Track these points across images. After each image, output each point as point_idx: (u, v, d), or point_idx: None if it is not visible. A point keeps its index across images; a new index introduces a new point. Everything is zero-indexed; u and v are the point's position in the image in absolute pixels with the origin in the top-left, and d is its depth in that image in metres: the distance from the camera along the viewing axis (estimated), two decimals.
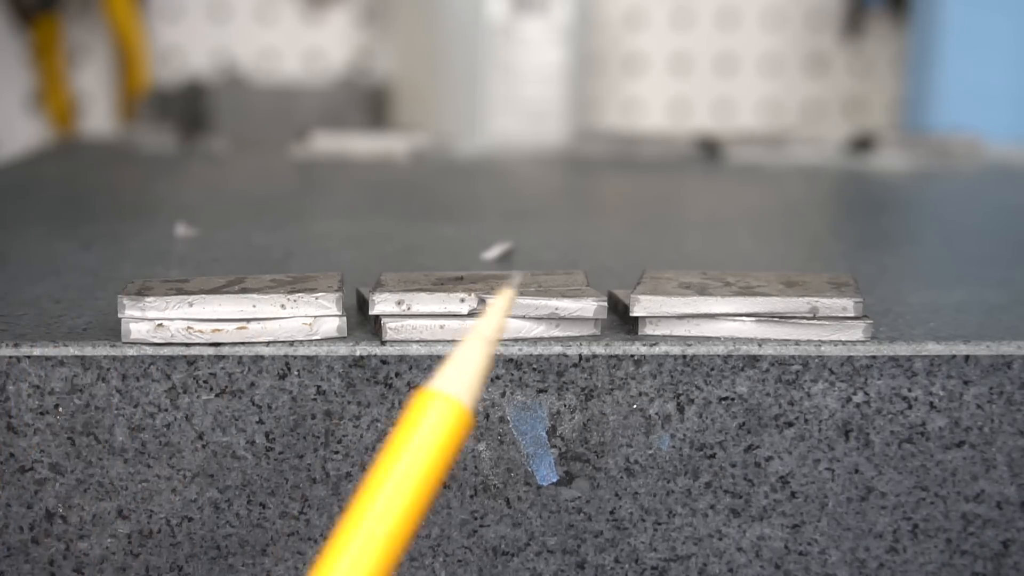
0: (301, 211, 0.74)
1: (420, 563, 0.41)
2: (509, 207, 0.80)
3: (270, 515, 0.40)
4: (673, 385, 0.40)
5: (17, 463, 0.39)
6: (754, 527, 0.41)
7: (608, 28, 1.36)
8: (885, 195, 0.88)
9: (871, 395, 0.40)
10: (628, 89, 1.39)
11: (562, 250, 0.61)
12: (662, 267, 0.45)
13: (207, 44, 1.35)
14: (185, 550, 0.40)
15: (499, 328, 0.32)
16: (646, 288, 0.41)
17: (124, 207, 0.78)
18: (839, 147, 1.04)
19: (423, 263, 0.55)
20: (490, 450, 0.40)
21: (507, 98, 1.13)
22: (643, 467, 0.40)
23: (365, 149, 1.02)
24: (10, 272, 0.52)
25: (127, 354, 0.39)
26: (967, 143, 1.04)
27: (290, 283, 0.41)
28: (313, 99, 1.27)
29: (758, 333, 0.40)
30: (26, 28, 1.31)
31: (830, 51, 1.38)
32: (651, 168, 0.99)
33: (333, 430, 0.40)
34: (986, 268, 0.56)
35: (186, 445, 0.39)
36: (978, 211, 0.80)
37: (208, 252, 0.57)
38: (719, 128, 1.32)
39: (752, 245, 0.64)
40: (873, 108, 1.39)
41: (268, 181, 0.92)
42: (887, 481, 0.40)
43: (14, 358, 0.39)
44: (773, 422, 0.40)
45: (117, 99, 1.34)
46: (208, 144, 1.08)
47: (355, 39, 1.35)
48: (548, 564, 0.41)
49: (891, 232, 0.71)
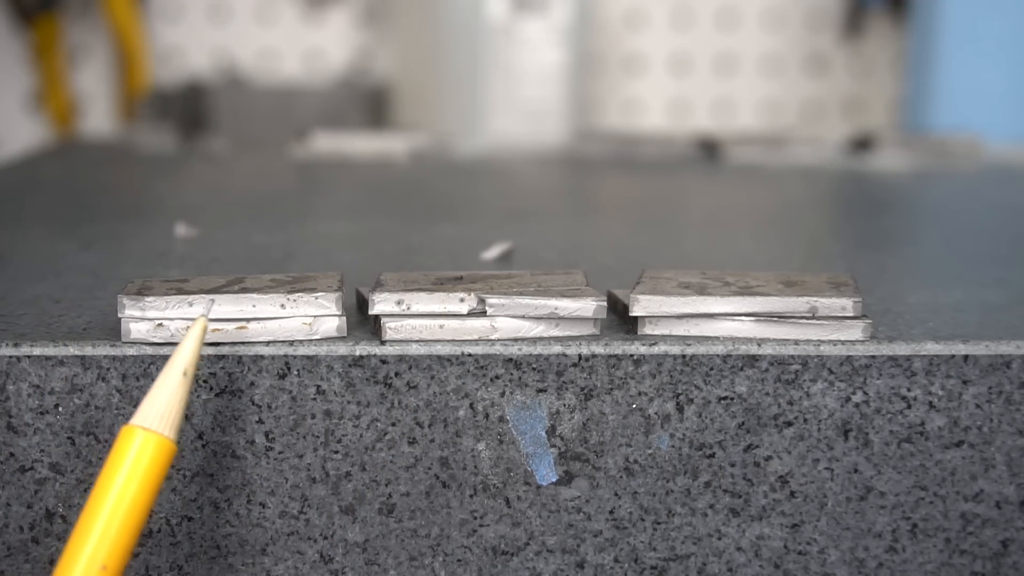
0: (301, 211, 0.74)
1: (420, 563, 0.41)
2: (509, 207, 0.80)
3: (270, 515, 0.40)
4: (672, 385, 0.40)
5: (17, 463, 0.39)
6: (753, 527, 0.41)
7: (608, 28, 1.36)
8: (884, 195, 0.88)
9: (870, 395, 0.40)
10: (628, 89, 1.39)
11: (562, 250, 0.61)
12: (662, 267, 0.45)
13: (207, 44, 1.35)
14: (185, 550, 0.40)
15: (193, 359, 0.37)
16: (645, 288, 0.41)
17: (124, 207, 0.78)
18: (839, 147, 1.04)
19: (423, 263, 0.55)
20: (490, 450, 0.40)
21: (507, 98, 1.13)
22: (642, 467, 0.40)
23: (365, 149, 1.02)
24: (10, 272, 0.52)
25: (127, 354, 0.39)
26: (967, 143, 1.04)
27: (290, 283, 0.41)
28: (313, 99, 1.27)
29: (757, 333, 0.40)
30: (26, 28, 1.31)
31: (830, 51, 1.38)
32: (651, 168, 0.99)
33: (333, 430, 0.40)
34: (985, 268, 0.56)
35: (186, 445, 0.39)
36: (977, 211, 0.80)
37: (208, 252, 0.57)
38: (719, 128, 1.32)
39: (751, 245, 0.64)
40: (873, 108, 1.39)
41: (268, 181, 0.92)
42: (886, 481, 0.41)
43: (14, 358, 0.39)
44: (772, 422, 0.40)
45: (117, 99, 1.34)
46: (208, 144, 1.08)
47: (355, 39, 1.35)
48: (548, 564, 0.41)
49: (890, 232, 0.71)
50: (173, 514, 0.40)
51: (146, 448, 0.35)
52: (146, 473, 0.35)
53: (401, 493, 0.40)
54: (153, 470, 0.35)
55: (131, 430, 0.35)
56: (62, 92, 1.32)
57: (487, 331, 0.40)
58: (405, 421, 0.40)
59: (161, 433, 0.35)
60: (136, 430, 0.35)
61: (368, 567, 0.41)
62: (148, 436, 0.35)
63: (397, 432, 0.40)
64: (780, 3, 1.37)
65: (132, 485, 0.35)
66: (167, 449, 0.35)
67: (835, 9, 1.37)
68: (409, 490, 0.40)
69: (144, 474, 0.35)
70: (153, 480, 0.35)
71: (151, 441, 0.35)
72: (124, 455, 0.35)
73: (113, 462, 0.35)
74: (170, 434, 0.36)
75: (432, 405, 0.40)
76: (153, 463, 0.35)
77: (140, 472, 0.35)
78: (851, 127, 1.32)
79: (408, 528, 0.40)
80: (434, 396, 0.39)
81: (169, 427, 0.36)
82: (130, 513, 0.35)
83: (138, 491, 0.35)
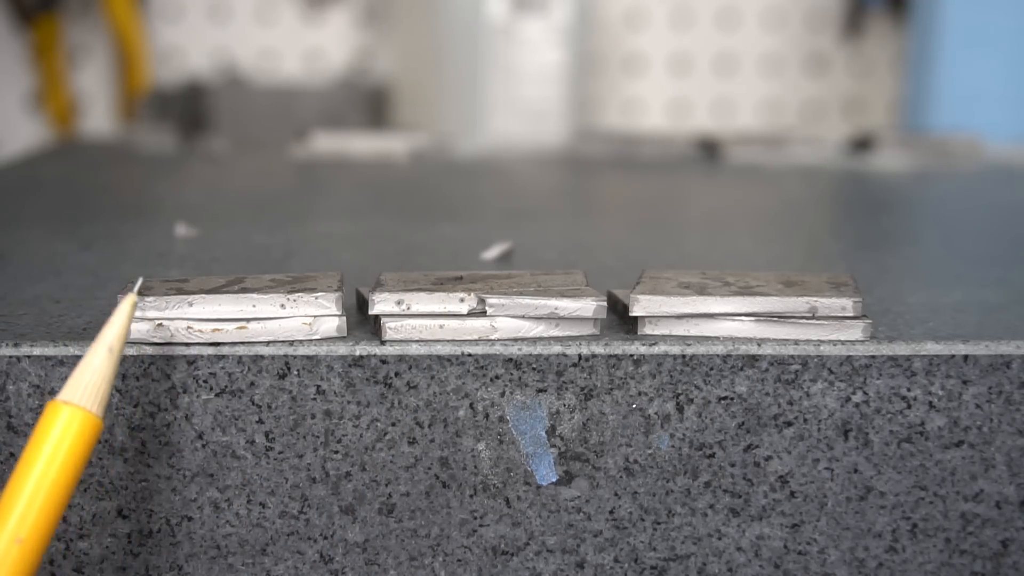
0: (301, 211, 0.74)
1: (420, 563, 0.41)
2: (509, 207, 0.80)
3: (270, 515, 0.40)
4: (672, 385, 0.40)
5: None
6: (753, 527, 0.41)
7: (608, 28, 1.36)
8: (884, 195, 0.88)
9: (870, 395, 0.40)
10: (628, 89, 1.39)
11: (562, 250, 0.61)
12: (662, 267, 0.45)
13: (207, 44, 1.35)
14: (185, 550, 0.40)
15: (122, 335, 0.36)
16: (645, 288, 0.41)
17: (124, 207, 0.78)
18: (839, 147, 1.04)
19: (423, 263, 0.55)
20: (490, 450, 0.40)
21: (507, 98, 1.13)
22: (642, 467, 0.40)
23: (365, 149, 1.02)
24: (10, 272, 0.52)
25: (127, 354, 0.39)
26: (966, 143, 1.04)
27: (290, 283, 0.41)
28: (313, 99, 1.27)
29: (757, 333, 0.40)
30: (26, 28, 1.31)
31: (830, 51, 1.38)
32: (651, 168, 0.99)
33: (333, 430, 0.40)
34: (985, 268, 0.56)
35: (186, 445, 0.39)
36: (977, 211, 0.80)
37: (208, 252, 0.57)
38: (719, 128, 1.32)
39: (751, 245, 0.64)
40: (873, 108, 1.39)
41: (268, 181, 0.92)
42: (886, 481, 0.41)
43: (14, 358, 0.39)
44: (772, 422, 0.40)
45: (117, 99, 1.34)
46: (208, 144, 1.08)
47: (355, 39, 1.35)
48: (548, 564, 0.41)
49: (890, 232, 0.71)
50: (173, 514, 0.40)
51: (71, 423, 0.35)
52: (71, 448, 0.34)
53: (401, 493, 0.40)
54: (78, 446, 0.35)
55: (56, 405, 0.35)
56: (62, 92, 1.32)
57: (487, 331, 0.40)
58: (405, 421, 0.40)
59: (87, 409, 0.35)
60: (62, 405, 0.35)
61: (368, 567, 0.41)
62: (74, 411, 0.35)
63: (397, 432, 0.40)
64: (780, 3, 1.37)
65: (56, 460, 0.34)
66: (93, 425, 0.35)
67: (835, 9, 1.37)
68: (409, 490, 0.40)
69: (68, 449, 0.34)
70: (78, 455, 0.35)
71: (77, 416, 0.35)
72: (49, 430, 0.34)
73: (38, 437, 0.35)
74: (96, 410, 0.35)
75: (432, 405, 0.40)
76: (78, 439, 0.35)
77: (64, 447, 0.34)
78: (851, 127, 1.32)
79: (408, 528, 0.40)
80: (434, 396, 0.39)
81: (96, 403, 0.35)
82: (53, 488, 0.34)
83: (62, 466, 0.34)
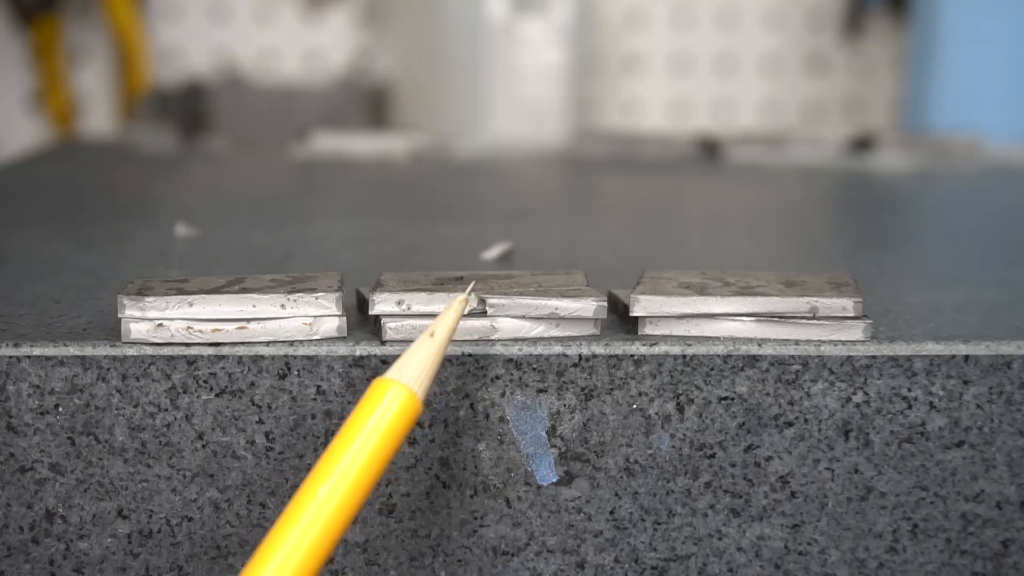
0: (301, 211, 0.74)
1: (420, 563, 0.41)
2: (509, 207, 0.80)
3: (270, 515, 0.40)
4: (673, 385, 0.40)
5: (17, 463, 0.39)
6: (754, 527, 0.41)
7: (608, 28, 1.36)
8: (885, 195, 0.88)
9: (871, 395, 0.40)
10: (628, 89, 1.39)
11: (562, 250, 0.61)
12: (662, 267, 0.45)
13: (207, 44, 1.35)
14: (185, 550, 0.40)
15: (452, 328, 0.37)
16: (646, 288, 0.41)
17: (124, 207, 0.78)
18: (839, 147, 1.04)
19: (423, 263, 0.55)
20: (490, 450, 0.40)
21: (507, 98, 1.13)
22: (643, 467, 0.40)
23: (365, 149, 1.02)
24: (10, 272, 0.52)
25: (127, 354, 0.39)
26: (967, 143, 1.04)
27: (290, 283, 0.41)
28: (313, 99, 1.27)
29: (758, 333, 0.40)
30: (26, 28, 1.31)
31: (830, 51, 1.38)
32: (651, 168, 0.99)
33: (333, 430, 0.40)
34: (986, 268, 0.56)
35: (186, 445, 0.39)
36: (978, 211, 0.80)
37: (208, 252, 0.57)
38: (719, 128, 1.32)
39: (752, 245, 0.64)
40: (873, 108, 1.39)
41: (268, 181, 0.92)
42: (887, 481, 0.40)
43: (14, 358, 0.39)
44: (773, 422, 0.40)
45: (117, 99, 1.34)
46: (208, 144, 1.08)
47: (355, 39, 1.35)
48: (548, 564, 0.41)
49: (891, 232, 0.71)
50: (173, 514, 0.40)
51: (396, 400, 0.35)
52: (391, 425, 0.34)
53: (401, 493, 0.40)
54: (400, 424, 0.34)
55: (386, 382, 0.35)
56: (62, 92, 1.32)
57: (487, 331, 0.40)
58: None
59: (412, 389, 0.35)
60: (391, 382, 0.35)
61: (368, 567, 0.41)
62: (400, 388, 0.35)
63: None
64: (780, 3, 1.37)
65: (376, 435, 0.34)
66: (415, 405, 0.35)
67: (835, 9, 1.37)
68: (409, 490, 0.40)
69: (389, 425, 0.34)
70: (398, 434, 0.34)
71: (401, 393, 0.35)
72: (375, 405, 0.34)
73: (362, 411, 0.34)
74: (420, 393, 0.35)
75: (432, 405, 0.40)
76: (400, 417, 0.35)
77: (386, 423, 0.34)
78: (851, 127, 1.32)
79: (408, 528, 0.40)
80: (434, 396, 0.39)
81: (420, 387, 0.35)
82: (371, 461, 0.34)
83: (381, 441, 0.34)
